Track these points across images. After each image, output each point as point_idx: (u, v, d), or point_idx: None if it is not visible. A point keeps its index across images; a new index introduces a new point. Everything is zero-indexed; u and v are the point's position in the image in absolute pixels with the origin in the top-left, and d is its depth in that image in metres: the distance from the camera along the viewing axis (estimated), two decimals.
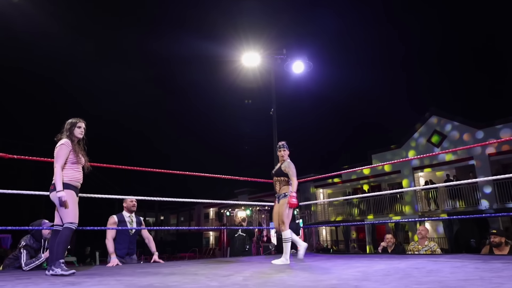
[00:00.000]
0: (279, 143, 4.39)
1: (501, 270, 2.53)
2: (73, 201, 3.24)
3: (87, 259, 14.89)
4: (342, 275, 2.61)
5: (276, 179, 4.26)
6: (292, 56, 8.09)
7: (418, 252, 5.41)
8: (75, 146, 3.38)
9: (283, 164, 4.24)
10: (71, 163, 3.31)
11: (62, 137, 3.39)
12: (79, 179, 3.38)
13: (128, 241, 4.61)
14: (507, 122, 16.31)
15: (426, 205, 18.28)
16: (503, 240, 4.84)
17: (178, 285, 2.27)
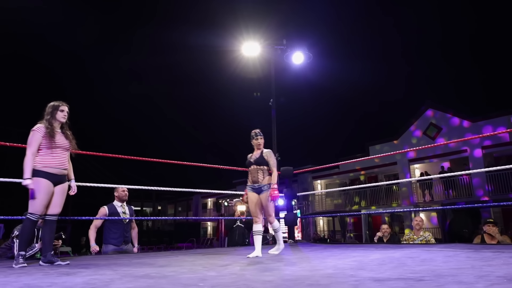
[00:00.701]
0: (255, 131, 4.15)
1: (491, 259, 2.58)
2: (42, 190, 3.04)
3: (83, 249, 14.93)
4: (338, 264, 2.65)
5: (258, 168, 4.00)
6: (292, 46, 8.05)
7: (413, 242, 5.48)
8: (53, 131, 3.17)
9: (264, 152, 4.05)
10: (46, 149, 3.12)
11: (41, 121, 3.22)
12: (56, 164, 3.14)
13: (122, 229, 4.66)
14: (500, 116, 16.44)
15: (421, 196, 18.48)
16: (496, 230, 4.96)
17: (175, 275, 2.30)
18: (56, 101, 3.33)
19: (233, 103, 58.41)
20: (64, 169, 3.23)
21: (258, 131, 4.14)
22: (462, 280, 1.73)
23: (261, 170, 3.98)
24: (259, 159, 4.01)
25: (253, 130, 4.16)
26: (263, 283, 1.89)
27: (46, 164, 3.10)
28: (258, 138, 4.10)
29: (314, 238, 20.24)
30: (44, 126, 3.17)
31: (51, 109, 3.27)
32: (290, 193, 6.54)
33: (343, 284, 1.76)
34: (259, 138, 4.10)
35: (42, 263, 3.08)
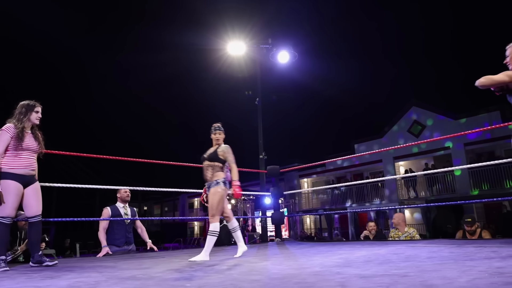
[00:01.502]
0: (215, 125, 3.85)
1: (474, 254, 2.63)
2: (11, 192, 2.96)
3: (67, 252, 14.71)
4: (325, 262, 2.67)
5: (209, 164, 3.69)
6: (277, 45, 8.08)
7: (398, 238, 5.56)
8: (23, 132, 3.06)
9: (220, 148, 3.73)
10: (14, 150, 3.02)
11: (11, 121, 3.10)
12: (25, 166, 3.06)
13: (124, 231, 4.67)
14: (482, 113, 16.85)
15: (406, 193, 18.79)
16: (475, 227, 5.11)
17: (162, 276, 2.28)
18: (30, 100, 3.18)
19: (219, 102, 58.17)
20: (32, 170, 3.14)
21: (218, 125, 3.85)
22: (445, 275, 1.77)
23: (211, 167, 3.68)
24: (212, 154, 3.72)
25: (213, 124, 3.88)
26: (250, 282, 1.89)
27: (13, 165, 3.00)
28: (216, 132, 3.80)
29: (301, 236, 20.36)
30: (15, 127, 3.05)
31: (25, 109, 3.13)
32: (276, 192, 6.56)
33: (329, 282, 1.77)
34: (217, 133, 3.80)
35: (31, 264, 3.07)
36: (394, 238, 5.66)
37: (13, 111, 3.12)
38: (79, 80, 50.83)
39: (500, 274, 1.70)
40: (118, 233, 4.63)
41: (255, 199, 19.22)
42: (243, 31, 8.42)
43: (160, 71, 54.74)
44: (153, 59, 47.75)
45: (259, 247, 5.18)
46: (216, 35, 8.90)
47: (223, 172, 3.68)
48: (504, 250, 2.74)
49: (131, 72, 52.95)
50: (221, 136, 3.80)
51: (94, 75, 49.99)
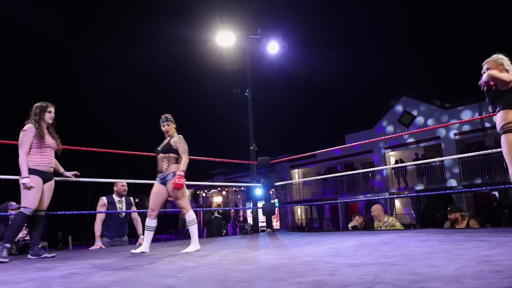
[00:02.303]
0: (163, 116, 3.77)
1: (462, 242, 2.69)
2: (36, 186, 3.19)
3: (60, 244, 14.65)
4: (315, 252, 2.70)
5: (163, 156, 3.63)
6: (267, 36, 8.03)
7: (380, 228, 5.63)
8: (41, 131, 3.32)
9: (173, 139, 3.68)
10: (36, 148, 3.27)
11: (28, 121, 3.34)
12: (47, 163, 3.32)
13: (117, 224, 4.67)
14: (472, 103, 17.00)
15: (396, 183, 18.99)
16: (458, 215, 5.19)
17: (154, 267, 2.29)
18: (43, 102, 3.46)
19: (209, 93, 57.90)
20: (52, 167, 3.42)
21: (165, 117, 3.75)
22: (434, 264, 1.80)
23: (166, 158, 3.62)
24: (165, 146, 3.67)
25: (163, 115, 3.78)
26: (241, 272, 1.90)
27: (37, 163, 3.26)
28: (165, 124, 3.72)
29: (292, 226, 20.53)
30: (34, 127, 3.31)
31: (39, 110, 3.39)
32: (267, 183, 6.59)
33: (319, 271, 1.79)
34: (166, 125, 3.72)
35: (30, 256, 3.20)
36: (376, 228, 5.74)
37: (28, 113, 3.40)
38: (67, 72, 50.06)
39: (488, 262, 1.74)
40: (111, 226, 4.64)
41: (246, 190, 19.29)
42: (232, 22, 8.35)
43: (148, 63, 54.13)
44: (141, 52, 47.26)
45: (250, 237, 5.21)
46: (204, 26, 8.81)
47: (178, 163, 3.64)
48: (492, 239, 2.80)
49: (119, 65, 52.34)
50: (170, 127, 3.73)
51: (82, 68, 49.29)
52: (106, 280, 1.83)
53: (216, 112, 53.44)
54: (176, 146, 3.64)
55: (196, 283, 1.65)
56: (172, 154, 3.63)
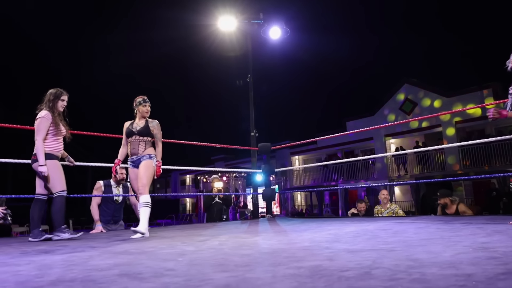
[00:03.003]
0: (144, 97, 3.65)
1: (460, 229, 2.71)
2: (59, 169, 3.36)
3: None
4: (314, 237, 2.72)
5: (140, 139, 3.52)
6: (269, 21, 7.94)
7: (381, 214, 5.67)
8: (56, 118, 3.39)
9: (151, 123, 3.60)
10: (52, 135, 3.36)
11: (42, 107, 3.39)
12: (60, 149, 3.46)
13: (113, 209, 4.66)
14: (473, 91, 16.92)
15: (396, 170, 19.04)
16: (447, 200, 5.23)
17: (154, 251, 2.31)
18: (58, 89, 3.49)
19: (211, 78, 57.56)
20: (61, 154, 3.56)
21: (146, 98, 3.66)
22: (431, 250, 1.82)
23: (143, 141, 3.53)
24: (143, 129, 3.55)
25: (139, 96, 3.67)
26: (241, 256, 1.93)
27: (54, 149, 3.39)
28: (146, 104, 3.61)
29: (292, 212, 20.68)
30: (51, 114, 3.38)
31: (52, 97, 3.44)
32: (268, 169, 6.61)
33: (318, 256, 1.81)
34: (147, 105, 3.62)
35: (30, 239, 3.24)
36: (377, 214, 5.78)
37: (42, 97, 3.45)
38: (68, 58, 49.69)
39: (484, 249, 1.76)
40: (106, 211, 4.63)
41: (247, 176, 19.35)
42: (233, 6, 8.23)
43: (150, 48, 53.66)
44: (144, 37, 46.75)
45: (250, 223, 5.26)
46: (206, 10, 8.70)
47: (153, 148, 3.57)
48: (490, 226, 2.82)
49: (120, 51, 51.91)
50: (149, 109, 3.64)
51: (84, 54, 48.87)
52: (107, 263, 1.85)
53: (217, 97, 53.25)
54: (154, 132, 3.58)
55: (196, 267, 1.67)
56: (149, 138, 3.56)
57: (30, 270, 1.68)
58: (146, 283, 1.33)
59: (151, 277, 1.45)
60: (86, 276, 1.51)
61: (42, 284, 1.38)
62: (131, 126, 3.60)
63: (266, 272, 1.47)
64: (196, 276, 1.43)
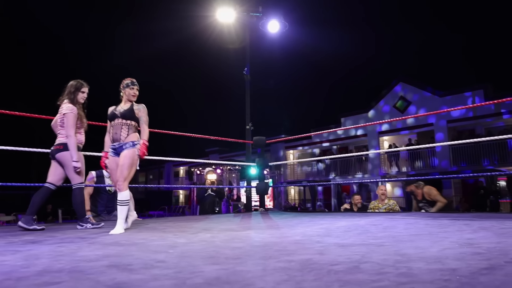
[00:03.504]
0: (132, 80, 3.37)
1: (447, 226, 2.75)
2: (83, 162, 3.49)
3: (49, 217, 14.68)
4: (306, 231, 2.74)
5: (123, 123, 3.23)
6: (267, 14, 7.90)
7: (378, 210, 5.72)
8: (79, 111, 3.50)
9: (136, 106, 3.31)
10: (77, 128, 3.49)
11: (64, 99, 3.47)
12: (83, 142, 3.59)
13: (106, 199, 4.65)
14: (468, 91, 17.08)
15: (389, 167, 19.20)
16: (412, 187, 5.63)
17: (144, 242, 2.31)
18: (78, 80, 3.53)
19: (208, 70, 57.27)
20: None
21: (134, 80, 3.39)
22: (418, 245, 1.84)
23: (126, 125, 3.23)
24: (127, 112, 3.25)
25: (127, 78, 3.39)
26: (232, 249, 1.94)
27: (79, 141, 3.51)
28: (134, 87, 3.32)
29: (285, 206, 20.75)
30: (75, 107, 3.45)
31: (73, 89, 3.48)
32: (262, 163, 6.62)
33: (309, 250, 1.83)
34: (135, 88, 3.33)
35: (20, 223, 3.21)
36: (374, 209, 5.83)
37: (63, 89, 3.51)
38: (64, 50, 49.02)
39: (470, 245, 1.79)
40: (99, 202, 4.63)
41: (241, 169, 19.36)
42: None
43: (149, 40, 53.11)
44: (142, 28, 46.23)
45: (243, 216, 5.28)
46: (204, 0, 8.62)
47: (138, 133, 3.32)
48: (476, 223, 2.86)
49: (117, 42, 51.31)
50: (137, 93, 3.36)
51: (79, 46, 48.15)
52: (96, 254, 1.85)
53: (213, 90, 53.01)
54: (139, 115, 3.29)
55: (187, 259, 1.68)
56: (134, 122, 3.27)
57: (16, 260, 1.68)
58: (136, 275, 1.34)
59: (141, 268, 1.45)
60: (74, 267, 1.51)
61: (28, 274, 1.38)
62: (115, 109, 3.32)
63: (257, 265, 1.49)
64: (187, 268, 1.43)
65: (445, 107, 16.86)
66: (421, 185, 5.53)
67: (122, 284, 1.20)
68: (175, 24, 40.22)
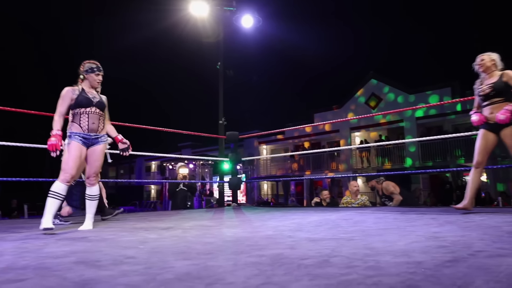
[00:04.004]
0: (97, 64, 3.03)
1: (415, 220, 2.84)
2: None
3: (14, 213, 14.11)
4: (278, 226, 2.76)
5: (100, 114, 2.98)
6: (241, 9, 7.87)
7: (351, 205, 5.84)
8: None
9: (105, 98, 3.08)
10: None
11: None
12: None
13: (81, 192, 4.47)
14: (436, 89, 17.69)
15: (360, 162, 19.64)
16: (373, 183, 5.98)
17: (114, 238, 2.26)
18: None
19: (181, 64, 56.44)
20: None
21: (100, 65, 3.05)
22: (387, 239, 1.90)
23: (102, 117, 3.00)
24: (102, 103, 3.00)
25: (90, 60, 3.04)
26: (204, 244, 1.93)
27: None
28: (101, 74, 3.03)
29: (258, 201, 20.85)
30: None
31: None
32: (235, 158, 6.62)
33: (280, 245, 1.84)
34: (101, 75, 3.04)
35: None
36: (347, 205, 5.95)
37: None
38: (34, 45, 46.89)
39: (435, 238, 1.85)
40: (75, 194, 4.47)
41: (214, 164, 19.28)
42: None
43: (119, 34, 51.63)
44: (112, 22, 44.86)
45: (215, 211, 5.26)
46: None
47: None
48: (442, 217, 2.97)
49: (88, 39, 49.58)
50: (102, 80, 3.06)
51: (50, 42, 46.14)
52: (63, 250, 1.80)
53: (186, 84, 52.30)
54: (107, 108, 3.05)
55: (157, 254, 1.66)
56: (105, 113, 3.05)
57: None
58: (104, 271, 1.31)
59: (110, 264, 1.42)
60: (40, 264, 1.46)
61: None
62: (84, 93, 2.91)
63: (228, 260, 1.48)
64: (157, 264, 1.41)
65: (414, 104, 17.38)
66: (381, 181, 5.70)
67: (90, 280, 1.17)
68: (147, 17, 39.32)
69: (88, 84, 2.98)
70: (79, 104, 2.87)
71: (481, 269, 1.16)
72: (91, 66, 2.99)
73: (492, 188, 14.92)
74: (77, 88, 2.92)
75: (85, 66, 2.99)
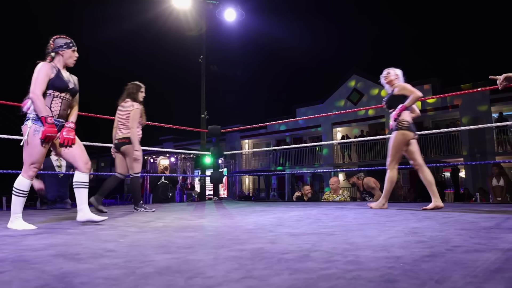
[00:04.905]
0: (71, 39, 2.70)
1: (394, 215, 2.90)
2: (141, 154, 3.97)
3: None
4: (259, 221, 2.77)
5: (71, 100, 2.68)
6: (224, 2, 7.81)
7: (333, 200, 5.92)
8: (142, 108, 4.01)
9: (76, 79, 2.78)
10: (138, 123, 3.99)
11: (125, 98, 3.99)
12: (140, 135, 4.04)
13: (57, 185, 4.40)
14: (417, 85, 18.00)
15: (341, 157, 19.87)
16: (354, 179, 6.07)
17: (94, 231, 2.23)
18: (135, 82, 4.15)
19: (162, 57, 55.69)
20: None
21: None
22: (367, 234, 1.93)
23: (72, 102, 2.73)
24: (76, 89, 2.73)
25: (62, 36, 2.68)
26: (184, 238, 1.92)
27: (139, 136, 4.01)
28: (76, 50, 2.72)
29: (239, 196, 20.87)
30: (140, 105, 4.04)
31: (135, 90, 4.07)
32: (217, 152, 6.59)
33: (261, 239, 1.85)
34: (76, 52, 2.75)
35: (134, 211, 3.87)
36: (328, 199, 6.02)
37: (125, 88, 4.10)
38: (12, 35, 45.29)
39: (414, 233, 1.90)
40: (50, 187, 4.40)
41: (195, 158, 19.18)
42: None
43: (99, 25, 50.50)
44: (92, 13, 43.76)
45: (196, 205, 5.24)
46: None
47: None
48: (421, 212, 3.04)
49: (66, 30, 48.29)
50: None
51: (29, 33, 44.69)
52: (42, 243, 1.76)
53: (168, 78, 51.68)
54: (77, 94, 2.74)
55: (137, 248, 1.64)
56: (76, 99, 2.76)
57: None
58: (83, 264, 1.29)
59: (89, 258, 1.40)
60: (18, 256, 1.43)
61: None
62: (61, 74, 2.59)
63: (209, 254, 1.48)
64: (137, 258, 1.40)
65: None
66: (362, 176, 5.80)
67: (69, 273, 1.15)
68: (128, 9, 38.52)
69: (62, 63, 2.63)
70: (53, 86, 2.53)
71: (458, 264, 1.19)
72: (66, 41, 2.64)
73: (470, 184, 15.36)
74: (55, 66, 2.58)
75: (59, 42, 2.62)
